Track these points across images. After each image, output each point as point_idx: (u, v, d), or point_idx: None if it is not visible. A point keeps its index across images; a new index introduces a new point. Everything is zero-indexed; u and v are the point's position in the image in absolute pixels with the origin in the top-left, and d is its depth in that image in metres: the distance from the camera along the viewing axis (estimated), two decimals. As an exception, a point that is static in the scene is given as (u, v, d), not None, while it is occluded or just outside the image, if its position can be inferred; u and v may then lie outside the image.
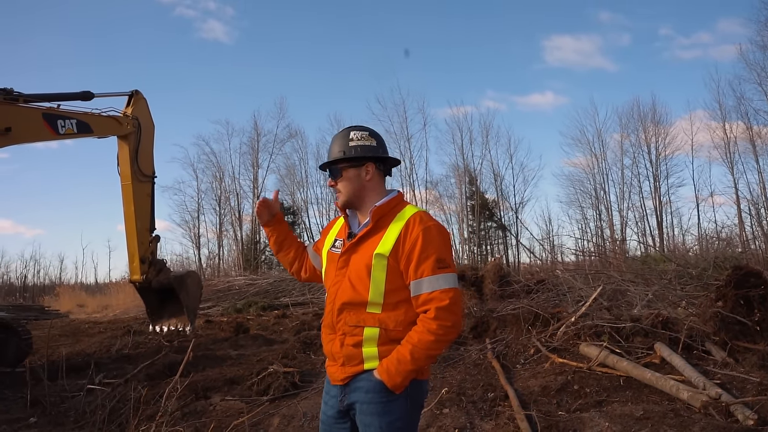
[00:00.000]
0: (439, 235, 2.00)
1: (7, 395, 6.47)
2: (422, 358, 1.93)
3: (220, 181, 35.50)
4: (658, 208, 31.73)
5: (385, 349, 1.98)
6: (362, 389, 1.99)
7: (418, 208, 2.10)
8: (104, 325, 14.25)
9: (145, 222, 10.91)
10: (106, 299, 27.14)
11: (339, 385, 2.06)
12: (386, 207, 2.09)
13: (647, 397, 4.61)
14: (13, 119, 8.43)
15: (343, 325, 2.03)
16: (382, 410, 1.95)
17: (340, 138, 2.16)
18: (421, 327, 1.93)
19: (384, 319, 1.99)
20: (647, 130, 32.35)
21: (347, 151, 2.11)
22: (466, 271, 19.30)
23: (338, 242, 2.18)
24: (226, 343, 9.80)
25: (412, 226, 1.99)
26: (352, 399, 2.01)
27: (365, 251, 2.03)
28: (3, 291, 34.41)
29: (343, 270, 2.08)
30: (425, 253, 1.94)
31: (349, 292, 2.03)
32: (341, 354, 2.03)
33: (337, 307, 2.05)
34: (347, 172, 2.13)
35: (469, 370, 6.11)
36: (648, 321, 5.97)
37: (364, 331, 1.99)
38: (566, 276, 8.80)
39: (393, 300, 2.00)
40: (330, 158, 2.14)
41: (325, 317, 2.14)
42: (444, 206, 35.19)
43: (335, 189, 2.15)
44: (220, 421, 4.72)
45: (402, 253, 1.97)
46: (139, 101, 10.97)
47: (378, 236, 2.03)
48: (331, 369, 2.11)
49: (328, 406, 2.12)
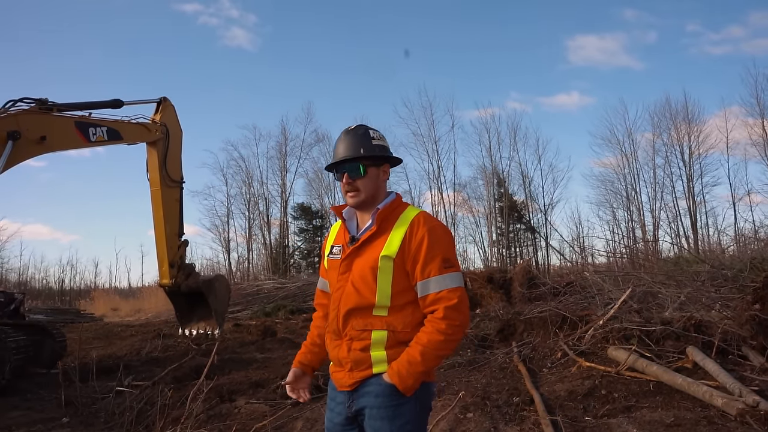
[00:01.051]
0: (444, 235, 2.00)
1: (42, 395, 6.68)
2: (432, 359, 1.91)
3: (249, 186, 35.97)
4: (692, 208, 30.86)
5: (393, 352, 1.95)
6: (371, 394, 1.96)
7: (419, 209, 2.08)
8: (136, 329, 14.56)
9: (174, 227, 11.12)
10: (138, 303, 27.79)
11: (346, 390, 2.02)
12: (389, 209, 2.05)
13: (678, 403, 4.45)
14: (48, 128, 8.70)
15: (350, 330, 2.00)
16: (393, 414, 1.92)
17: (359, 136, 2.08)
18: (430, 327, 1.91)
19: (391, 321, 1.96)
20: (679, 129, 31.51)
21: (372, 149, 2.05)
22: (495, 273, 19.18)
23: (336, 248, 2.14)
24: (252, 347, 9.91)
25: (417, 227, 1.97)
26: (361, 404, 1.98)
27: (370, 254, 1.99)
28: (42, 295, 35.49)
29: (346, 275, 2.04)
30: (431, 253, 1.93)
31: (353, 296, 1.99)
32: (349, 359, 2.00)
33: (343, 313, 2.01)
34: (370, 170, 2.06)
35: (494, 373, 6.02)
36: (680, 324, 5.78)
37: (372, 334, 1.96)
38: (595, 278, 8.61)
39: (400, 302, 1.97)
40: (351, 154, 2.04)
41: (329, 323, 2.11)
42: (472, 208, 35.02)
43: (351, 187, 2.05)
44: (244, 424, 4.76)
45: (408, 254, 1.95)
46: (167, 108, 11.19)
47: (382, 239, 2.00)
48: (337, 375, 2.07)
49: (335, 413, 2.08)
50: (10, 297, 9.02)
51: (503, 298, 16.26)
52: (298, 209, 35.89)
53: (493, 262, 32.66)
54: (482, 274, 18.33)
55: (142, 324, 17.08)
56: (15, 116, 8.25)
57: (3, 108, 8.26)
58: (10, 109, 8.36)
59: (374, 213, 2.04)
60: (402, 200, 2.15)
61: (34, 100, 8.71)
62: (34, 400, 6.50)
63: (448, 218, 33.72)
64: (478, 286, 17.21)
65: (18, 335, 7.29)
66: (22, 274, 38.22)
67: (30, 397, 6.68)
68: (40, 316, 18.14)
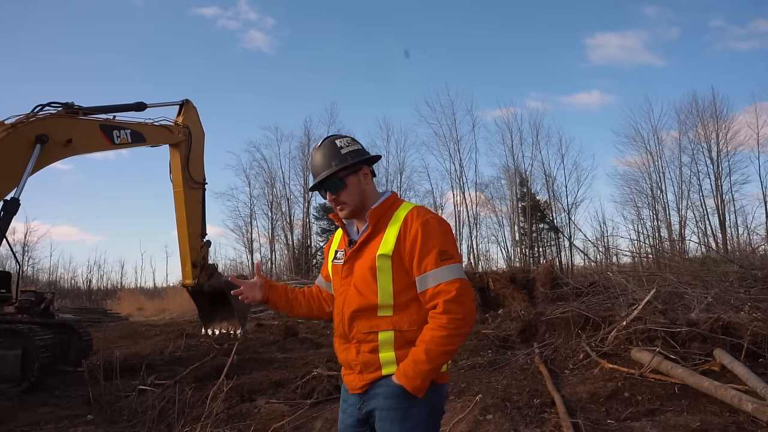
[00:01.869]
0: (438, 227, 1.94)
1: (69, 393, 6.83)
2: (438, 356, 1.85)
3: (272, 187, 36.29)
4: (720, 207, 30.14)
5: (402, 352, 1.92)
6: (381, 395, 1.94)
7: (413, 204, 2.05)
8: (160, 328, 14.80)
9: (197, 227, 11.26)
10: (163, 303, 28.27)
11: (357, 393, 2.01)
12: (382, 208, 2.03)
13: (705, 407, 4.33)
14: (74, 131, 8.90)
15: (357, 333, 1.99)
16: (402, 416, 1.90)
17: (326, 150, 2.07)
18: (432, 324, 1.87)
19: (397, 321, 1.94)
20: (707, 126, 30.82)
21: (342, 159, 2.04)
22: (517, 273, 19.00)
23: (339, 253, 2.15)
24: (274, 347, 9.97)
25: (411, 222, 1.94)
26: (372, 406, 1.97)
27: (368, 255, 1.98)
28: (71, 294, 36.33)
29: (348, 278, 2.04)
30: (426, 247, 1.89)
31: (356, 299, 1.98)
32: (358, 362, 1.98)
33: (348, 316, 2.01)
34: (349, 180, 2.05)
35: (515, 375, 5.94)
36: (706, 326, 5.63)
37: (379, 336, 1.94)
38: (619, 278, 8.45)
39: (403, 300, 1.94)
40: (325, 172, 2.04)
41: (336, 327, 2.10)
42: (495, 208, 34.74)
43: (337, 203, 2.07)
44: (263, 424, 4.79)
45: (404, 250, 1.92)
46: (190, 110, 11.35)
47: (378, 238, 1.98)
48: (348, 378, 2.06)
49: (346, 414, 2.08)
50: (40, 297, 9.26)
51: (526, 298, 16.10)
52: (321, 210, 36.03)
53: (516, 262, 32.38)
54: (505, 275, 18.17)
55: (166, 323, 17.36)
56: (43, 120, 8.45)
57: (32, 112, 8.47)
58: (38, 113, 8.58)
59: (367, 214, 2.03)
60: (397, 197, 2.13)
61: (61, 104, 8.91)
62: (62, 397, 6.65)
63: (471, 218, 33.56)
64: (500, 286, 17.07)
65: (46, 334, 7.46)
66: (51, 275, 39.32)
67: (57, 394, 6.84)
68: (69, 316, 18.59)
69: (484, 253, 34.99)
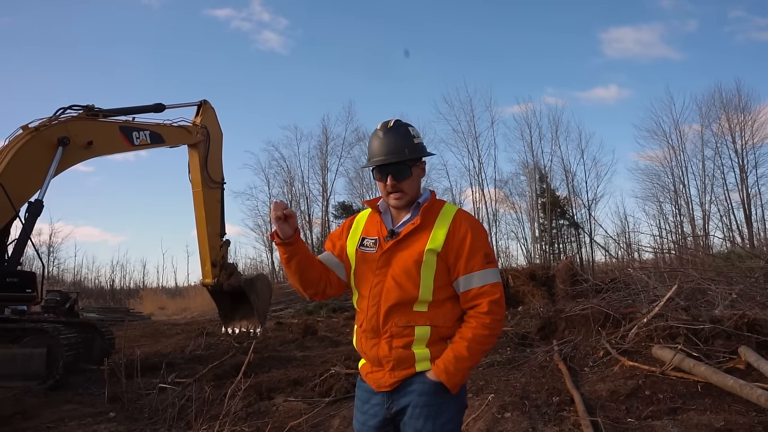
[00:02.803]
0: (484, 231, 2.04)
1: (92, 390, 6.96)
2: (478, 354, 1.93)
3: (291, 186, 36.48)
4: (745, 201, 29.46)
5: (435, 348, 1.93)
6: (416, 392, 1.92)
7: (456, 206, 2.10)
8: (182, 327, 15.00)
9: (216, 227, 11.39)
10: (184, 302, 28.63)
11: (386, 391, 1.98)
12: (430, 204, 2.05)
13: (729, 406, 4.22)
14: (95, 133, 9.08)
15: (392, 327, 1.95)
16: (437, 412, 1.90)
17: (401, 135, 2.02)
18: (474, 322, 1.91)
19: (432, 316, 1.95)
20: (731, 118, 30.11)
21: (414, 150, 2.02)
22: (537, 270, 18.86)
23: (368, 240, 2.07)
24: (293, 345, 10.02)
25: (460, 223, 1.98)
26: (403, 403, 1.94)
27: (414, 248, 1.96)
28: (95, 294, 36.99)
29: (384, 269, 1.98)
30: (474, 248, 1.94)
31: (395, 291, 1.94)
32: (391, 357, 1.94)
33: (384, 309, 1.95)
34: (414, 170, 2.04)
35: (534, 372, 5.88)
36: (731, 322, 5.49)
37: (415, 330, 1.93)
38: (640, 274, 8.31)
39: (440, 297, 1.96)
40: (396, 156, 1.98)
41: (365, 321, 2.01)
42: (514, 204, 34.45)
43: (397, 189, 2.01)
44: (281, 422, 4.81)
45: (451, 249, 1.94)
46: (207, 111, 11.47)
47: (425, 233, 1.98)
48: (375, 375, 2.00)
49: (369, 415, 2.02)
50: (65, 296, 9.47)
51: (546, 295, 15.97)
52: (339, 208, 36.13)
53: (536, 258, 32.07)
54: (525, 271, 18.06)
55: (187, 322, 17.58)
56: (65, 123, 8.63)
57: (54, 116, 8.65)
58: (60, 116, 8.75)
59: (415, 207, 2.04)
60: (436, 197, 2.14)
61: (82, 107, 9.09)
62: (85, 395, 6.79)
63: (490, 215, 33.34)
64: (520, 283, 16.97)
65: (70, 333, 7.61)
66: (76, 275, 40.04)
67: (81, 391, 6.98)
68: (93, 315, 18.95)
69: (504, 250, 34.76)
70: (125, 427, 5.17)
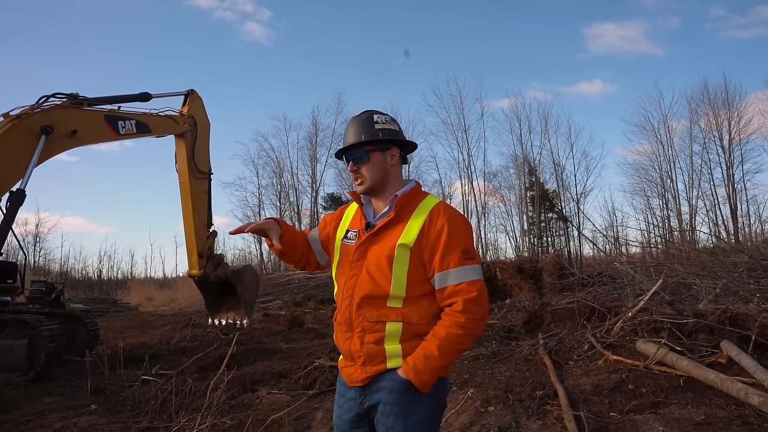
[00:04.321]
0: (464, 225, 1.93)
1: (75, 382, 6.88)
2: (450, 353, 1.83)
3: (280, 177, 36.32)
4: (731, 196, 29.76)
5: (408, 345, 1.87)
6: (385, 389, 1.88)
7: (439, 198, 2.01)
8: (168, 318, 14.90)
9: (203, 218, 11.24)
10: (172, 293, 28.48)
11: (358, 386, 1.94)
12: (408, 196, 1.98)
13: (710, 400, 4.26)
14: (79, 122, 8.89)
15: (363, 321, 1.91)
16: (407, 411, 1.85)
17: (362, 121, 2.02)
18: (448, 321, 1.83)
19: (407, 313, 1.88)
20: (718, 114, 30.35)
21: (373, 134, 1.99)
22: (525, 263, 18.88)
23: (351, 233, 2.05)
24: (278, 337, 10.00)
25: (437, 216, 1.89)
26: (374, 400, 1.90)
27: (387, 242, 1.91)
28: (82, 285, 36.69)
29: (360, 262, 1.95)
30: (451, 244, 1.85)
31: (368, 284, 1.91)
32: (362, 352, 1.91)
33: (356, 301, 1.92)
34: (374, 155, 2.00)
35: (519, 366, 5.90)
36: (714, 317, 5.53)
37: (386, 326, 1.88)
38: (626, 268, 8.35)
39: (415, 293, 1.89)
40: (353, 140, 2.00)
41: (339, 314, 2.01)
42: (503, 197, 34.55)
43: (356, 174, 2.02)
44: (264, 414, 4.78)
45: (426, 244, 1.87)
46: (195, 100, 11.28)
47: (400, 226, 1.92)
48: (348, 370, 1.98)
49: (344, 409, 2.00)
50: (50, 287, 9.34)
51: (533, 288, 16.01)
52: (329, 199, 36.05)
53: (525, 251, 32.22)
54: (512, 264, 18.07)
55: (174, 313, 17.48)
56: (48, 111, 8.44)
57: (37, 104, 8.47)
58: (43, 104, 8.58)
59: (392, 199, 1.97)
60: (421, 189, 2.08)
61: (66, 95, 8.90)
62: (68, 387, 6.72)
63: (479, 207, 33.42)
64: (508, 276, 16.99)
65: (52, 324, 7.52)
66: (63, 265, 39.68)
67: (64, 384, 6.90)
68: (79, 305, 18.76)
69: (492, 242, 34.93)
70: (106, 420, 5.10)
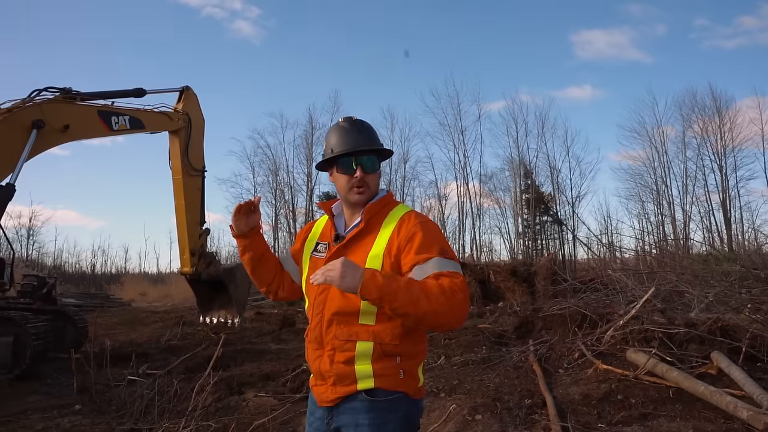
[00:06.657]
0: (437, 230, 1.82)
1: (61, 381, 6.80)
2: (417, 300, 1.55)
3: (275, 175, 36.17)
4: (725, 203, 29.82)
5: (379, 365, 1.77)
6: (355, 410, 1.79)
7: (410, 207, 1.93)
8: (160, 315, 14.80)
9: (195, 215, 11.17)
10: (166, 288, 28.34)
11: (327, 406, 1.86)
12: (378, 205, 1.90)
13: (699, 413, 4.22)
14: (71, 117, 8.79)
15: (333, 339, 1.81)
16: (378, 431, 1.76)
17: (369, 128, 1.95)
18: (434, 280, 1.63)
19: (379, 331, 1.77)
20: (711, 121, 30.42)
21: (380, 144, 1.94)
22: (518, 266, 18.86)
23: (321, 246, 1.97)
24: (269, 337, 9.94)
25: (408, 221, 1.81)
26: (342, 422, 1.82)
27: (358, 254, 1.81)
28: (75, 279, 36.49)
29: None
30: (427, 242, 1.73)
31: (338, 300, 1.79)
32: (332, 372, 1.81)
33: (327, 317, 1.82)
34: (378, 166, 1.96)
35: (508, 373, 5.87)
36: (705, 327, 5.51)
37: (357, 345, 1.78)
38: (619, 275, 8.32)
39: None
40: (371, 146, 1.90)
41: (310, 330, 1.91)
42: (498, 200, 34.53)
43: (362, 183, 1.88)
44: (250, 418, 4.72)
45: (397, 248, 1.75)
46: (190, 97, 11.20)
47: (370, 237, 1.84)
48: (319, 389, 1.89)
49: (312, 428, 1.92)
50: (42, 281, 9.24)
51: (526, 291, 15.97)
52: (324, 198, 35.85)
53: (519, 254, 32.21)
54: (506, 267, 18.03)
55: (167, 310, 17.37)
56: (39, 105, 8.35)
57: (28, 97, 8.38)
58: (35, 98, 8.49)
59: (362, 210, 1.88)
60: (393, 198, 2.00)
61: (59, 89, 8.79)
62: (54, 385, 6.64)
63: (474, 209, 33.40)
64: (501, 278, 16.95)
65: (39, 321, 7.43)
66: (56, 259, 39.45)
67: (50, 382, 6.82)
68: (71, 300, 18.62)
69: (487, 244, 34.89)
70: (90, 421, 5.03)
